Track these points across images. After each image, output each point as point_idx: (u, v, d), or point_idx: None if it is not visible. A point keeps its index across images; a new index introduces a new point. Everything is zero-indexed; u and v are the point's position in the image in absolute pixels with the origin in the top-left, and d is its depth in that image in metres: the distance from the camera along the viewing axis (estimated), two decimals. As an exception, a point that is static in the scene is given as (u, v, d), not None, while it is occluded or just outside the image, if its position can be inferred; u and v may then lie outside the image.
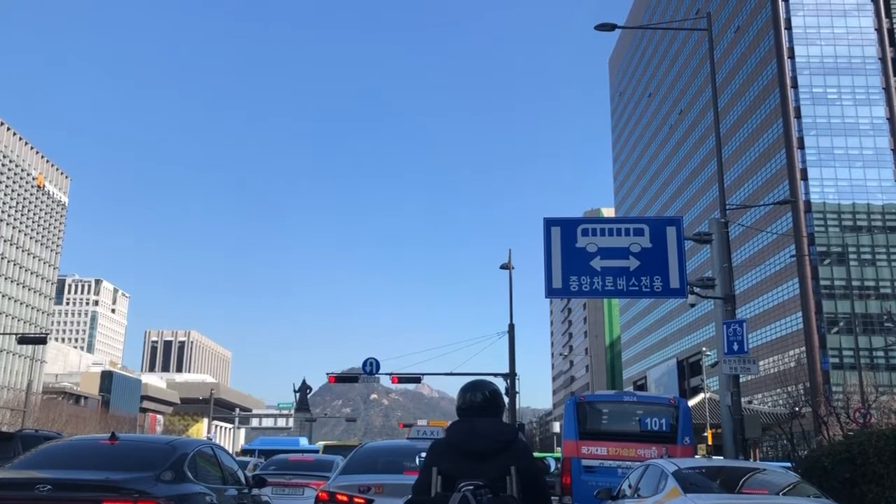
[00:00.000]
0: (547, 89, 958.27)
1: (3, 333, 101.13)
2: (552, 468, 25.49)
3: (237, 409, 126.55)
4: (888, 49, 78.00)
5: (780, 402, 53.06)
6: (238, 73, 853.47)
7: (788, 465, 19.99)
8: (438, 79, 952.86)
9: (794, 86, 77.04)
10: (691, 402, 43.55)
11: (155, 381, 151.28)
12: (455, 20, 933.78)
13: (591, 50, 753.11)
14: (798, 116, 76.34)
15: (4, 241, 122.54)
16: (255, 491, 9.12)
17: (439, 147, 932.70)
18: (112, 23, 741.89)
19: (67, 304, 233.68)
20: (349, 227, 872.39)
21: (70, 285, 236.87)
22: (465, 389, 4.24)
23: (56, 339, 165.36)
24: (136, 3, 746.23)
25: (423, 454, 4.23)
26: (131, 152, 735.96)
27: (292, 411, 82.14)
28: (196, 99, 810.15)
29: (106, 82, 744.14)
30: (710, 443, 42.13)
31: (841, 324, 70.64)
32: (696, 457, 18.31)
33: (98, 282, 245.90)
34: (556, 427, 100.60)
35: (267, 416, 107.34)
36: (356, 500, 7.64)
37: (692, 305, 75.27)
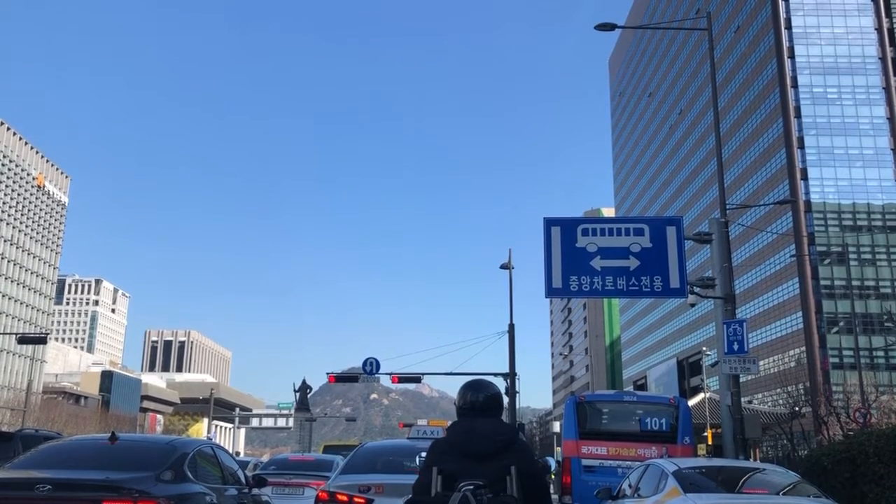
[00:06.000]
0: (547, 89, 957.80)
1: (3, 333, 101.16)
2: (552, 468, 25.50)
3: (237, 409, 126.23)
4: (888, 49, 78.01)
5: (780, 402, 53.14)
6: (238, 73, 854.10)
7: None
8: (438, 79, 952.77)
9: (794, 85, 77.07)
10: (691, 402, 43.50)
11: (155, 381, 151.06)
12: (454, 21, 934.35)
13: (591, 50, 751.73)
14: (798, 116, 76.36)
15: (4, 241, 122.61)
16: (255, 491, 9.11)
17: (439, 147, 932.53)
18: (112, 23, 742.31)
19: (67, 304, 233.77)
20: (349, 227, 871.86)
21: (70, 285, 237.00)
22: (466, 389, 4.23)
23: (56, 339, 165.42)
24: (135, 4, 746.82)
25: (423, 454, 4.22)
26: (131, 152, 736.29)
27: (292, 411, 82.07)
28: (196, 99, 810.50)
29: (106, 82, 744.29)
30: (710, 443, 42.08)
31: (841, 324, 70.68)
32: (696, 457, 18.30)
33: (98, 282, 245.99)
34: (556, 427, 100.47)
35: (267, 415, 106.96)
36: (356, 499, 7.62)
37: (692, 305, 75.29)
